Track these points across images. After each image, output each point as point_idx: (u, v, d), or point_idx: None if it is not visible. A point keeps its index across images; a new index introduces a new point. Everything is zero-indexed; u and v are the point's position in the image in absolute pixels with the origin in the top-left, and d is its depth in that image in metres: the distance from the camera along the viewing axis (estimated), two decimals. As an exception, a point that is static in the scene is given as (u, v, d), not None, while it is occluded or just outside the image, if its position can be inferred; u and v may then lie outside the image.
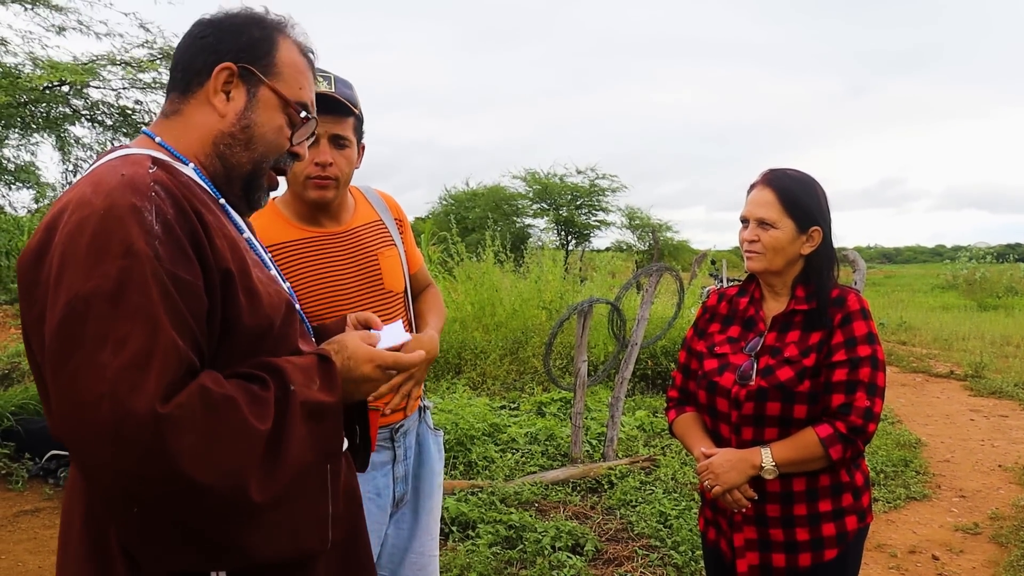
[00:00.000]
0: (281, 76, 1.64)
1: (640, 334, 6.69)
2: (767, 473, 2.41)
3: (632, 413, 7.98)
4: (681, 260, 27.92)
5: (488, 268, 11.79)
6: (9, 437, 6.10)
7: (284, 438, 1.40)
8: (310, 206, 2.53)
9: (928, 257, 72.80)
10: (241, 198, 1.66)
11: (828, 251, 2.55)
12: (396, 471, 2.63)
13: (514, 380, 9.46)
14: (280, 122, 1.64)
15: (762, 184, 2.54)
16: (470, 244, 14.76)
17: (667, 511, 5.27)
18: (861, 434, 2.36)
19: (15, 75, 6.70)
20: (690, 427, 2.67)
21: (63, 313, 1.29)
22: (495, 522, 4.92)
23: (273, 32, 1.65)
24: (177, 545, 1.34)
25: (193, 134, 1.60)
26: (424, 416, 2.78)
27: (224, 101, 1.60)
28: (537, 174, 29.70)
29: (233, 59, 1.59)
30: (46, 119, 7.62)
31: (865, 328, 2.43)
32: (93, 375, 1.25)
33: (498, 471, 6.01)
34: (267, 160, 1.65)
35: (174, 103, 1.63)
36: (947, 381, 11.59)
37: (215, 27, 1.63)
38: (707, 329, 2.72)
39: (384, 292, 2.60)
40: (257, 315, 1.49)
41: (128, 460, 1.25)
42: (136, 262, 1.30)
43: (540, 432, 7.00)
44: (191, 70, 1.61)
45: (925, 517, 5.80)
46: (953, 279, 30.38)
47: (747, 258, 2.57)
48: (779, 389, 2.41)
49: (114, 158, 1.50)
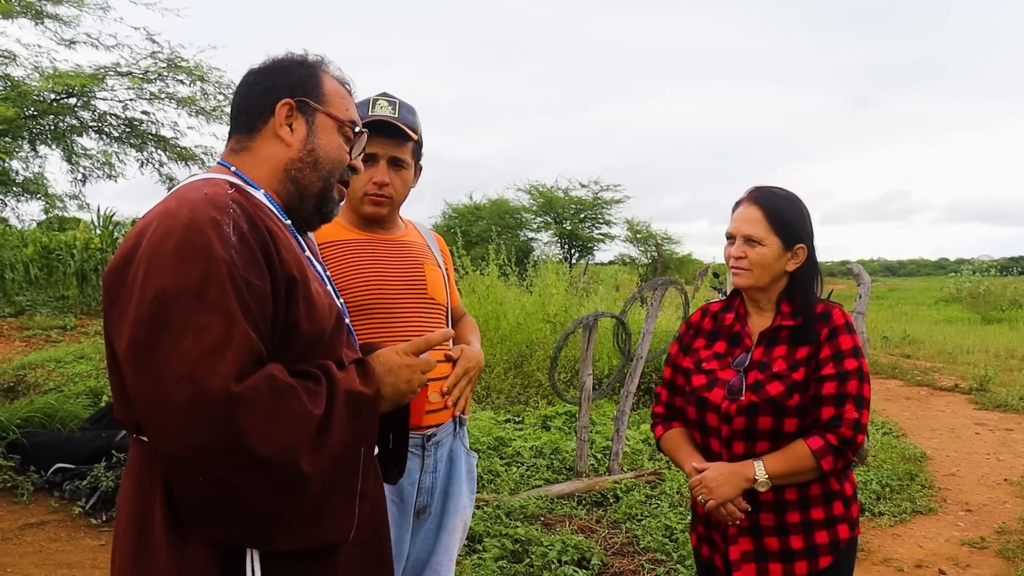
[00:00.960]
0: (330, 102, 1.88)
1: (645, 347, 6.69)
2: (760, 486, 2.44)
3: (637, 427, 7.98)
4: (685, 273, 27.92)
5: (492, 282, 11.81)
6: (14, 450, 6.09)
7: (331, 421, 1.61)
8: (363, 218, 2.70)
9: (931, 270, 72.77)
10: (314, 213, 1.89)
11: (812, 267, 2.61)
12: (423, 481, 2.66)
13: (518, 394, 9.46)
14: (339, 141, 1.89)
15: (748, 201, 2.60)
16: (475, 258, 14.75)
17: (673, 525, 5.26)
18: (851, 445, 2.42)
19: (23, 88, 6.75)
20: (679, 443, 2.70)
21: (151, 306, 1.49)
22: (501, 536, 4.91)
23: (315, 68, 1.90)
24: (230, 517, 1.54)
25: (264, 165, 1.83)
26: (460, 433, 2.81)
27: (289, 132, 1.83)
28: (542, 187, 29.76)
29: (289, 95, 1.83)
30: (54, 131, 7.71)
31: (851, 342, 2.48)
32: (175, 358, 1.46)
33: (503, 485, 6.01)
34: (334, 176, 1.88)
35: (241, 141, 1.86)
36: (952, 394, 11.58)
37: (266, 73, 1.87)
38: (692, 345, 2.75)
39: (427, 298, 2.70)
40: (312, 321, 1.69)
41: (200, 431, 1.45)
42: (215, 265, 1.50)
43: (545, 446, 6.99)
44: (253, 112, 1.85)
45: (931, 531, 5.79)
46: (957, 292, 30.35)
47: (733, 274, 2.61)
48: (770, 403, 2.45)
49: (197, 180, 1.72)
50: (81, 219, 20.15)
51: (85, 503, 5.55)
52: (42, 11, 7.06)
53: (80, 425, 6.60)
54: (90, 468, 5.79)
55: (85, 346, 11.40)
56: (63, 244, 17.71)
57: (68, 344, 12.03)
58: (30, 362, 9.98)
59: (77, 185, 8.33)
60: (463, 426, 2.84)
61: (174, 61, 7.62)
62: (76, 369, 9.54)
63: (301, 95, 1.84)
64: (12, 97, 6.39)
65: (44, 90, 6.70)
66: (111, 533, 5.14)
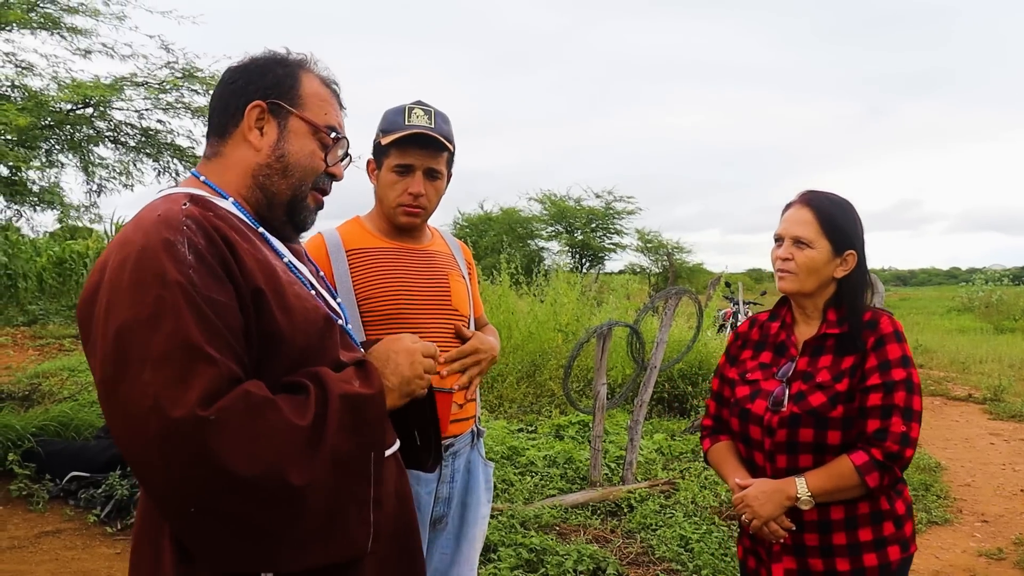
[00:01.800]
0: (307, 105, 1.79)
1: (659, 357, 6.68)
2: (803, 504, 2.38)
3: (650, 436, 7.96)
4: (696, 283, 27.87)
5: (504, 291, 11.81)
6: (30, 458, 6.10)
7: (323, 429, 1.54)
8: (394, 227, 2.70)
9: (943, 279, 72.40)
10: (286, 222, 1.81)
11: (862, 275, 2.53)
12: (440, 490, 2.66)
13: (531, 403, 9.45)
14: (312, 147, 1.79)
15: (800, 203, 2.53)
16: (485, 267, 14.78)
17: (688, 535, 5.24)
18: (898, 460, 2.32)
19: (40, 98, 6.79)
20: (724, 457, 2.64)
21: (113, 341, 1.46)
22: (516, 545, 4.89)
23: (295, 68, 1.81)
24: (233, 543, 1.49)
25: (233, 171, 1.76)
26: (477, 444, 2.81)
27: (258, 136, 1.76)
28: (554, 196, 29.75)
29: (261, 96, 1.76)
30: (70, 141, 7.73)
31: (899, 351, 2.39)
32: (138, 392, 1.41)
33: (517, 494, 6.00)
34: (305, 183, 1.80)
35: (214, 146, 1.80)
36: (965, 404, 11.52)
37: (242, 72, 1.79)
38: (739, 356, 2.70)
39: (451, 309, 2.69)
40: (295, 328, 1.63)
41: (177, 463, 1.40)
42: (170, 290, 1.46)
43: (558, 455, 6.98)
44: (225, 114, 1.78)
45: (948, 542, 5.76)
46: (969, 301, 30.24)
47: (779, 278, 2.55)
48: (812, 415, 2.38)
49: (157, 199, 1.68)
50: (94, 229, 20.26)
51: (100, 511, 5.56)
52: (59, 22, 7.11)
53: (95, 433, 6.61)
54: (105, 476, 5.81)
55: (98, 355, 11.39)
56: (75, 254, 17.80)
57: (81, 353, 12.05)
58: (44, 371, 10.01)
59: (92, 196, 8.37)
60: (480, 437, 2.84)
61: (190, 71, 7.65)
62: (90, 378, 9.54)
63: (275, 97, 1.76)
64: (29, 107, 6.42)
65: (62, 100, 6.73)
66: (126, 541, 5.19)
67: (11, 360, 11.34)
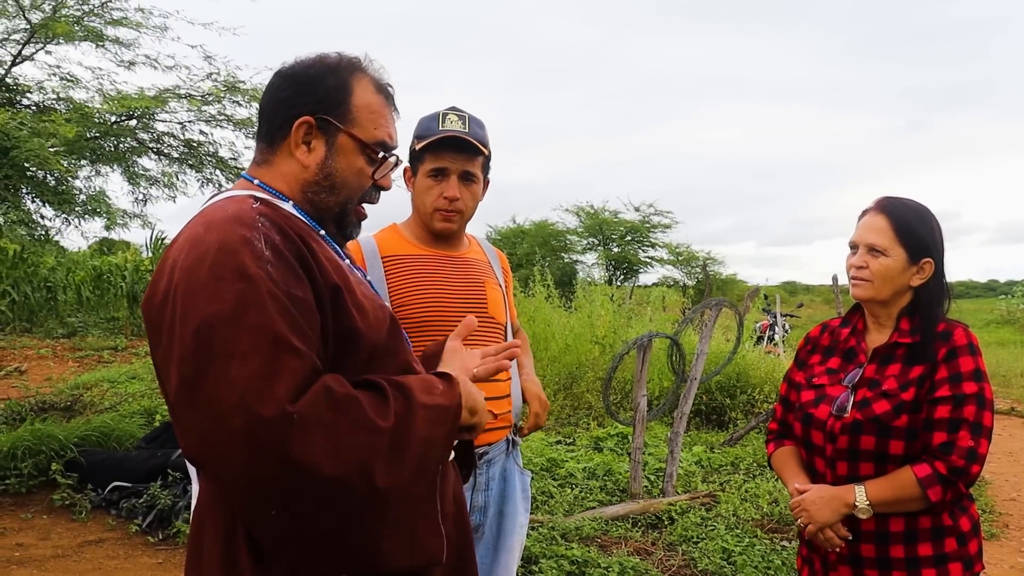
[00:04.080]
0: (357, 121, 1.72)
1: (700, 368, 6.63)
2: (861, 513, 2.32)
3: (689, 448, 7.90)
4: (729, 294, 27.68)
5: (540, 303, 11.79)
6: (72, 468, 6.16)
7: (407, 434, 1.51)
8: (432, 233, 2.69)
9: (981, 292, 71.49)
10: (336, 233, 1.79)
11: (939, 285, 2.48)
12: (475, 499, 2.63)
13: (568, 415, 9.41)
14: (360, 164, 1.75)
15: (876, 210, 2.48)
16: (521, 280, 14.75)
17: (730, 547, 5.17)
18: (963, 476, 2.25)
19: (85, 110, 6.87)
20: (787, 461, 2.60)
21: (192, 339, 1.41)
22: (558, 557, 4.85)
23: (348, 78, 1.74)
24: (314, 547, 1.44)
25: (284, 180, 1.73)
26: (513, 453, 2.78)
27: (306, 153, 1.71)
28: (590, 208, 29.64)
29: (310, 112, 1.70)
30: (115, 152, 7.80)
31: (972, 364, 2.34)
32: (224, 389, 1.37)
33: (557, 506, 5.96)
34: (352, 200, 1.77)
35: (263, 153, 1.76)
36: (1008, 418, 11.33)
37: (292, 80, 1.73)
38: (807, 360, 2.65)
39: (487, 317, 2.68)
40: (369, 326, 1.61)
41: (264, 462, 1.36)
42: (251, 285, 1.43)
43: (598, 467, 6.94)
44: (274, 124, 1.73)
45: (995, 557, 5.64)
46: (1009, 314, 29.81)
47: (853, 285, 2.49)
48: (874, 423, 2.33)
49: (221, 199, 1.64)
50: (130, 243, 20.49)
51: (142, 521, 5.58)
52: (102, 34, 7.19)
53: (135, 444, 6.66)
54: (146, 486, 5.83)
55: (136, 366, 11.55)
56: (113, 266, 18.03)
57: (120, 364, 12.20)
58: (84, 382, 10.12)
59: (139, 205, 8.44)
60: (516, 446, 2.81)
61: (232, 83, 7.71)
62: (130, 389, 9.64)
63: (324, 112, 1.70)
64: (75, 119, 6.49)
65: (107, 112, 6.80)
66: (168, 551, 5.21)
67: (52, 371, 11.49)
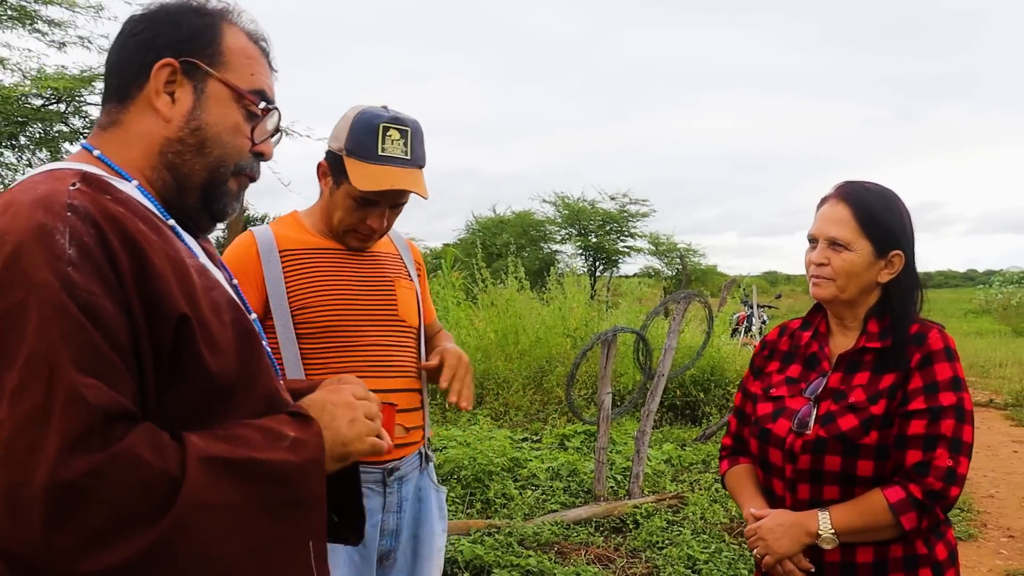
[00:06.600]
0: (230, 65, 1.42)
1: (667, 364, 6.42)
2: (825, 543, 2.04)
3: (659, 446, 7.67)
4: (709, 285, 27.61)
5: (511, 294, 11.56)
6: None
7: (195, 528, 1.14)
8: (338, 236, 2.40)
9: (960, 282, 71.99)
10: (201, 211, 1.45)
11: (911, 280, 2.20)
12: (385, 521, 2.34)
13: (538, 411, 9.20)
14: (235, 118, 1.43)
15: (836, 198, 2.19)
16: (497, 271, 14.56)
17: (696, 555, 4.95)
18: (941, 500, 1.97)
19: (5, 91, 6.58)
20: (741, 482, 2.31)
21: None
22: (512, 566, 4.62)
23: (216, 19, 1.43)
24: None
25: (136, 146, 1.39)
26: (427, 468, 2.50)
27: (168, 103, 1.38)
28: (567, 199, 29.52)
29: (174, 54, 1.38)
30: (43, 138, 7.54)
31: (950, 371, 2.05)
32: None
33: (517, 509, 5.72)
34: (225, 164, 1.43)
35: (111, 114, 1.42)
36: (987, 410, 11.19)
37: (149, 21, 1.41)
38: (764, 367, 2.36)
39: (398, 320, 2.40)
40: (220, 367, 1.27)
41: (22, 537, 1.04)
42: (36, 295, 1.10)
43: (562, 467, 6.69)
44: (127, 73, 1.40)
45: (972, 559, 5.44)
46: (987, 304, 29.86)
47: (813, 284, 2.20)
48: (840, 440, 2.04)
49: (37, 174, 1.31)
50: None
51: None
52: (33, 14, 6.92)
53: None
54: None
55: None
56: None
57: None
58: None
59: None
60: (430, 461, 2.53)
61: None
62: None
63: (190, 54, 1.38)
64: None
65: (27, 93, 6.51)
66: None
67: None
